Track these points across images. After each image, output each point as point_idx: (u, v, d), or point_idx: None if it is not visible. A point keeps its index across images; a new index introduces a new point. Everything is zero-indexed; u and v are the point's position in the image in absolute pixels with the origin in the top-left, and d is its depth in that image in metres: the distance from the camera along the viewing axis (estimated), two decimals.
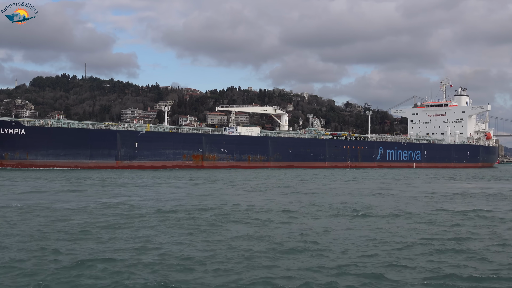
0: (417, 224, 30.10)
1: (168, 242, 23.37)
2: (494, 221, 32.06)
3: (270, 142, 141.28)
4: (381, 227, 28.77)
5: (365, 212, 35.17)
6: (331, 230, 27.11)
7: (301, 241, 24.12)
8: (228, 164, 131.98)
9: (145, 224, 28.08)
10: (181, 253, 21.01)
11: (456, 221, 31.54)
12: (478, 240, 25.43)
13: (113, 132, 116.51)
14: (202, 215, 32.39)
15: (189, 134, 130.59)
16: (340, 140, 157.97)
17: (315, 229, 27.57)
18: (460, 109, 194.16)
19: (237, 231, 26.65)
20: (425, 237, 25.51)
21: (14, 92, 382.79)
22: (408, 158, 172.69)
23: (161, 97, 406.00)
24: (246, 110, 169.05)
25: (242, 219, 31.24)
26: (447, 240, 25.09)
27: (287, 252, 21.62)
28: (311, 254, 21.45)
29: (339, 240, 24.38)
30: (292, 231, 26.67)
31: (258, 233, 25.99)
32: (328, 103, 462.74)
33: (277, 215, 33.18)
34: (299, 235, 25.45)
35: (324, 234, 26.04)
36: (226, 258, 20.46)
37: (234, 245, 22.88)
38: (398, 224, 30.09)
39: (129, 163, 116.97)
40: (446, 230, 28.17)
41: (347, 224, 29.44)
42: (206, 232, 26.24)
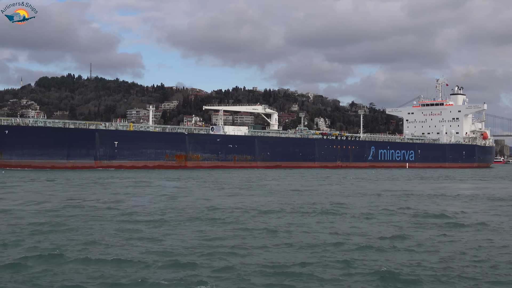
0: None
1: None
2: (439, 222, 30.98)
3: (257, 141, 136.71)
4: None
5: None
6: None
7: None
8: (212, 164, 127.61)
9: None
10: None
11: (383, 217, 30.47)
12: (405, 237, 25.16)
13: (91, 131, 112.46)
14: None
15: (172, 133, 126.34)
16: (330, 139, 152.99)
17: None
18: (456, 108, 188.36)
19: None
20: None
21: (20, 92, 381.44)
22: (401, 158, 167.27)
23: (166, 97, 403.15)
24: (235, 109, 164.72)
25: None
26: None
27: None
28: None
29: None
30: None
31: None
32: (333, 103, 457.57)
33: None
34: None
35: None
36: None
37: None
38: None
39: (108, 163, 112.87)
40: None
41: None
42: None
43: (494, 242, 24.68)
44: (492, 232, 27.60)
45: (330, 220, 31.05)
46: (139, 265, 19.16)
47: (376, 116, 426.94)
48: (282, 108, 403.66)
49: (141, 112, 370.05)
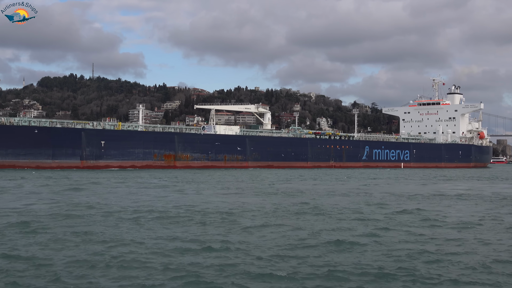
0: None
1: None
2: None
3: (248, 141, 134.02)
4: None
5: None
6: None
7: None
8: (202, 164, 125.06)
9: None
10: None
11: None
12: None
13: (77, 131, 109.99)
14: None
15: (160, 133, 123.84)
16: (324, 139, 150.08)
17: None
18: (453, 107, 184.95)
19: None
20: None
21: (22, 92, 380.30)
22: (396, 158, 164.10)
23: (168, 97, 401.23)
24: (227, 108, 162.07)
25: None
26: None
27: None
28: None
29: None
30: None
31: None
32: (335, 103, 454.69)
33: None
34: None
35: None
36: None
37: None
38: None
39: (95, 163, 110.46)
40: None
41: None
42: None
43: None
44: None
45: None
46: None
47: (378, 116, 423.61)
48: (284, 108, 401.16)
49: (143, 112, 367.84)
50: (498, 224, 30.47)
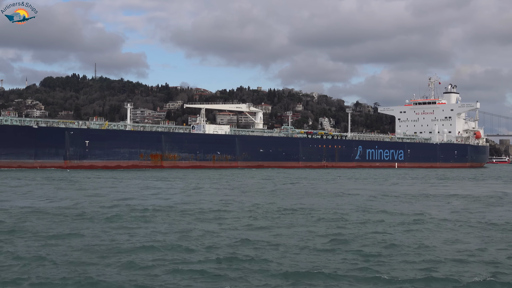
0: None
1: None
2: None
3: (237, 140, 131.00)
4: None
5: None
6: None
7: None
8: (190, 164, 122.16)
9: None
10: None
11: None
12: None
13: (60, 130, 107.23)
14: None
15: (147, 132, 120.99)
16: (315, 139, 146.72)
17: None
18: (449, 107, 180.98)
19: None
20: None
21: (25, 92, 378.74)
22: (390, 157, 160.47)
23: (171, 97, 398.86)
24: (218, 107, 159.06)
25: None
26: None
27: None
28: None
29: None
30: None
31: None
32: (337, 103, 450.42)
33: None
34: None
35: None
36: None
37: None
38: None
39: (79, 163, 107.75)
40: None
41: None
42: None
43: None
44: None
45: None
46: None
47: (380, 116, 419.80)
48: (287, 108, 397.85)
49: (146, 112, 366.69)
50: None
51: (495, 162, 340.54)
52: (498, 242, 25.00)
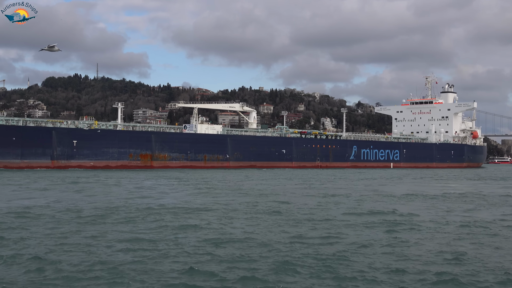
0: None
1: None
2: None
3: (229, 140, 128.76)
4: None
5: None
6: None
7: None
8: (181, 164, 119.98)
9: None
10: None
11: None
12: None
13: (47, 130, 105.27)
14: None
15: (136, 132, 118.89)
16: (309, 138, 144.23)
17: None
18: (446, 106, 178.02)
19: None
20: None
21: (27, 93, 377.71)
22: (385, 157, 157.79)
23: (173, 97, 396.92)
24: (211, 107, 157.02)
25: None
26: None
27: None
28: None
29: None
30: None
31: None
32: (339, 103, 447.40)
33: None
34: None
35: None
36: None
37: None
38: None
39: (66, 163, 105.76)
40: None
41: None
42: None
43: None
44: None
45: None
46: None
47: (382, 116, 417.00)
48: (289, 108, 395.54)
49: (148, 112, 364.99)
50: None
51: (497, 162, 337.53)
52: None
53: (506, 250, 22.47)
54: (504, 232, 27.32)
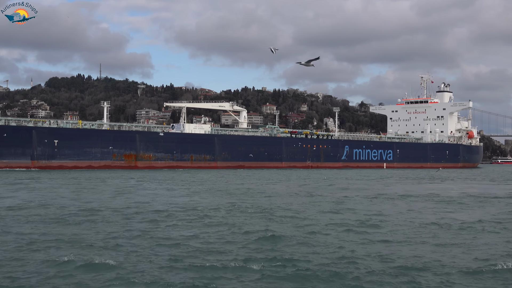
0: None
1: None
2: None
3: (217, 140, 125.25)
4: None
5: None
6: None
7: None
8: (167, 165, 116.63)
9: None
10: None
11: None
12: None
13: (27, 129, 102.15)
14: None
15: (120, 131, 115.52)
16: (300, 138, 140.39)
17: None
18: (441, 106, 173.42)
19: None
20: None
21: (30, 93, 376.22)
22: (378, 158, 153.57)
23: (176, 97, 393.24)
24: (199, 106, 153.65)
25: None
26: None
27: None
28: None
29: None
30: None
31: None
32: (342, 103, 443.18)
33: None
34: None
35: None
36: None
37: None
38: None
39: (47, 163, 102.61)
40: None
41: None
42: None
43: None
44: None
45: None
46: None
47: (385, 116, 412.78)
48: (292, 108, 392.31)
49: (151, 112, 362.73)
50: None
51: (500, 162, 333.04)
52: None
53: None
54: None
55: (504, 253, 20.69)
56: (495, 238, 24.36)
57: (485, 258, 19.69)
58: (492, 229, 26.95)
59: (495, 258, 19.54)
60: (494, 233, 25.74)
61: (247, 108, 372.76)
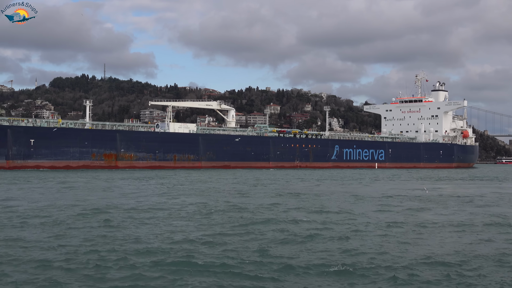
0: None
1: None
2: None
3: (201, 139, 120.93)
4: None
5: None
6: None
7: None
8: (149, 165, 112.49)
9: None
10: None
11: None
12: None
13: (2, 128, 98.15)
14: None
15: (99, 130, 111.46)
16: (288, 138, 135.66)
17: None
18: (435, 105, 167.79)
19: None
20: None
21: (34, 93, 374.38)
22: (370, 157, 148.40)
23: (180, 97, 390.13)
24: (185, 105, 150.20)
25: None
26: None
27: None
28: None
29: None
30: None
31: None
32: (346, 103, 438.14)
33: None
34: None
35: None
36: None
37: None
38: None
39: (23, 163, 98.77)
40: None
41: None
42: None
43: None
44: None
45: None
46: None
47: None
48: (295, 108, 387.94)
49: (155, 112, 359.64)
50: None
51: (505, 162, 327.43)
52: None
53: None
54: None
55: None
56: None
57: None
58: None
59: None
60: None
61: (251, 108, 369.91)
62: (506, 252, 20.82)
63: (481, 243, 23.05)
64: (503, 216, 32.01)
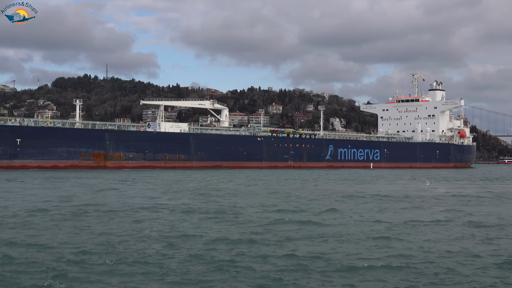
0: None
1: None
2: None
3: (192, 139, 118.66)
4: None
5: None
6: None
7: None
8: (138, 164, 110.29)
9: None
10: None
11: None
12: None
13: None
14: None
15: (88, 130, 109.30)
16: (281, 137, 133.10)
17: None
18: (432, 104, 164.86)
19: None
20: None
21: (37, 93, 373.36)
22: (365, 157, 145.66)
23: (182, 97, 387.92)
24: (178, 104, 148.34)
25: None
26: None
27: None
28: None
29: None
30: None
31: None
32: (348, 103, 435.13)
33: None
34: None
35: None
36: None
37: None
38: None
39: (9, 163, 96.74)
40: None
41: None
42: None
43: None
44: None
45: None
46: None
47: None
48: (298, 108, 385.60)
49: (157, 112, 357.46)
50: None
51: (507, 162, 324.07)
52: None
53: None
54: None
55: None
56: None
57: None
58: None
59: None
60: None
61: (253, 108, 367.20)
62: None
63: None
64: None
